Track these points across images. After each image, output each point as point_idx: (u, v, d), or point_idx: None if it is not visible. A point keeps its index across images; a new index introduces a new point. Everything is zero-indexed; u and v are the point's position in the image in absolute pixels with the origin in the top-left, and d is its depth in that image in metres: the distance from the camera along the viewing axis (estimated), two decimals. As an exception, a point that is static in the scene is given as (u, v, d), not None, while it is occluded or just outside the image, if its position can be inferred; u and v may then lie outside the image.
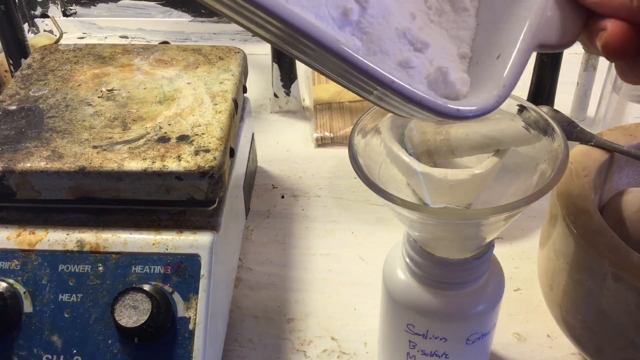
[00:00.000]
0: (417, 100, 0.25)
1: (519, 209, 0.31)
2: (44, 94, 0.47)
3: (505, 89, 0.26)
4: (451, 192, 0.43)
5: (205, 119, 0.45)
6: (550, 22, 0.28)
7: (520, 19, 0.28)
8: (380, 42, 0.26)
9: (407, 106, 0.25)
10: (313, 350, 0.46)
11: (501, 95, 0.26)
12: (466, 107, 0.26)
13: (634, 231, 0.42)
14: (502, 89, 0.26)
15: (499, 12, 0.29)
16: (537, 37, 0.27)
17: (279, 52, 0.68)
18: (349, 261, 0.53)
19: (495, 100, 0.26)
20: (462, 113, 0.26)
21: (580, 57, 0.65)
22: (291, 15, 0.22)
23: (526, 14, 0.27)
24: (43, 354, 0.39)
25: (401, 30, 0.27)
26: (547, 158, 0.34)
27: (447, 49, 0.28)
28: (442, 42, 0.28)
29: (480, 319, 0.37)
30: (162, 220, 0.42)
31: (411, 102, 0.25)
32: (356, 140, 0.34)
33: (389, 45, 0.26)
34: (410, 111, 0.27)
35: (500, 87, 0.26)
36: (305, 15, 0.24)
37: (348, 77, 0.26)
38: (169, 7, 0.89)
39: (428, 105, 0.25)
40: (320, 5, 0.25)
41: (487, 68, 0.28)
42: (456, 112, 0.25)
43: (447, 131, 0.47)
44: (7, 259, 0.40)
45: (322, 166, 0.64)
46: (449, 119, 0.26)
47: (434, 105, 0.25)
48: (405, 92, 0.25)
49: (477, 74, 0.28)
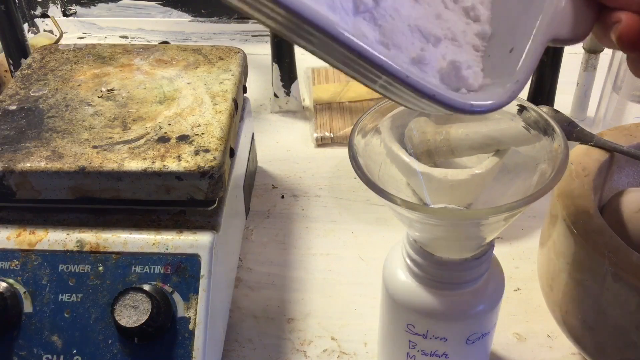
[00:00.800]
0: (431, 95, 0.25)
1: (519, 209, 0.31)
2: (44, 94, 0.47)
3: (519, 84, 0.26)
4: (451, 192, 0.43)
5: (205, 119, 0.45)
6: (563, 16, 0.28)
7: (533, 13, 0.27)
8: (393, 35, 0.26)
9: (421, 100, 0.25)
10: (313, 350, 0.46)
11: (515, 90, 0.26)
12: (479, 102, 0.26)
13: (634, 231, 0.42)
14: (515, 83, 0.26)
15: (512, 5, 0.29)
16: (550, 32, 0.27)
17: (279, 52, 0.68)
18: (349, 261, 0.53)
19: (509, 95, 0.26)
20: (475, 107, 0.25)
21: (580, 57, 0.65)
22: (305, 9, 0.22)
23: (539, 8, 0.27)
24: (43, 354, 0.39)
25: (414, 23, 0.27)
26: (547, 158, 0.34)
27: (461, 41, 0.28)
28: (456, 35, 0.28)
29: (480, 319, 0.37)
30: (162, 220, 0.42)
31: (425, 97, 0.25)
32: (356, 140, 0.34)
33: (401, 39, 0.26)
34: (422, 105, 0.26)
35: (514, 81, 0.26)
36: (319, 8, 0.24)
37: (355, 68, 0.26)
38: (169, 7, 0.89)
39: (442, 100, 0.25)
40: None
41: (500, 62, 0.27)
42: (469, 107, 0.25)
43: (447, 131, 0.47)
44: (7, 259, 0.40)
45: (322, 166, 0.64)
46: (461, 113, 0.26)
47: (448, 100, 0.25)
48: (419, 86, 0.24)
49: (489, 67, 0.28)
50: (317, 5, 0.23)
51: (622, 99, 0.60)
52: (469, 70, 0.27)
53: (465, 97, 0.26)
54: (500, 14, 0.29)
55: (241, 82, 0.51)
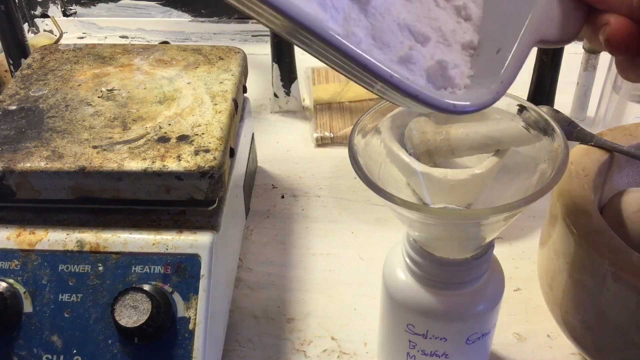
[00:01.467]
0: (414, 95, 0.25)
1: (518, 209, 0.31)
2: (44, 94, 0.47)
3: (503, 85, 0.26)
4: (451, 192, 0.43)
5: (205, 119, 0.45)
6: (551, 18, 0.28)
7: (522, 13, 0.27)
8: (382, 34, 0.26)
9: (405, 99, 0.26)
10: (313, 350, 0.46)
11: (499, 92, 0.26)
12: (462, 102, 0.26)
13: (634, 231, 0.42)
14: (499, 84, 0.26)
15: (502, 6, 0.29)
16: (537, 33, 0.27)
17: (279, 52, 0.68)
18: (349, 261, 0.53)
19: (493, 96, 0.26)
20: (458, 108, 0.26)
21: (580, 57, 0.65)
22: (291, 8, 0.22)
23: (528, 9, 0.27)
24: (43, 354, 0.39)
25: (404, 22, 0.27)
26: (547, 158, 0.34)
27: (450, 40, 0.28)
28: (445, 34, 0.28)
29: (480, 319, 0.37)
30: (162, 220, 0.42)
31: (408, 96, 0.25)
32: (356, 140, 0.34)
33: (390, 38, 0.26)
34: (409, 105, 0.27)
35: (498, 82, 0.26)
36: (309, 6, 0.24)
37: (350, 70, 0.26)
38: (169, 7, 0.89)
39: (425, 100, 0.25)
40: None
41: (486, 62, 0.28)
42: (452, 107, 0.26)
43: (447, 131, 0.47)
44: (7, 259, 0.40)
45: (322, 166, 0.64)
46: (445, 113, 0.26)
47: (431, 100, 0.25)
48: (402, 86, 0.25)
49: (477, 67, 0.28)
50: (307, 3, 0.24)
51: (622, 99, 0.60)
52: (455, 69, 0.27)
53: (449, 97, 0.26)
54: (491, 13, 0.29)
55: (241, 82, 0.51)
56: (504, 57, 0.27)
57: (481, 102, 0.26)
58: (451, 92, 0.27)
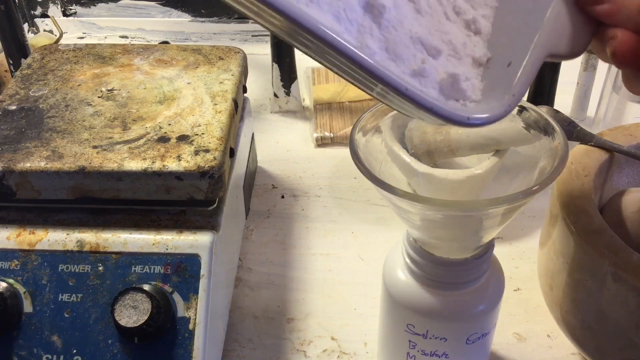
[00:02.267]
0: (429, 108, 0.26)
1: (519, 201, 0.31)
2: (44, 94, 0.47)
3: (515, 98, 0.27)
4: (452, 192, 0.43)
5: (205, 119, 0.45)
6: (561, 33, 0.28)
7: (531, 28, 0.28)
8: (395, 47, 0.26)
9: (419, 111, 0.26)
10: (313, 350, 0.46)
11: (510, 104, 0.27)
12: (475, 115, 0.26)
13: (634, 231, 0.42)
14: (511, 97, 0.27)
15: (512, 20, 0.29)
16: (547, 47, 0.28)
17: (279, 52, 0.68)
18: (349, 261, 0.53)
19: (505, 108, 0.27)
20: (472, 121, 0.26)
21: (581, 57, 0.65)
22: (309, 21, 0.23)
23: (537, 24, 0.28)
24: (43, 354, 0.39)
25: (416, 35, 0.27)
26: (547, 156, 0.34)
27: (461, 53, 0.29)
28: (456, 47, 0.29)
29: (480, 319, 0.37)
30: (162, 220, 0.42)
31: (423, 109, 0.26)
32: (357, 137, 0.34)
33: (403, 51, 0.27)
34: (420, 116, 0.27)
35: (510, 95, 0.27)
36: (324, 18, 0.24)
37: (355, 76, 0.26)
38: (169, 7, 0.89)
39: (440, 113, 0.26)
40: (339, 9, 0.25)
41: (497, 75, 0.28)
42: (466, 119, 0.26)
43: (447, 132, 0.47)
44: (7, 259, 0.40)
45: (322, 166, 0.64)
46: (459, 126, 0.27)
47: (445, 112, 0.26)
48: (418, 99, 0.25)
49: (488, 80, 0.28)
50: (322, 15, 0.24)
51: (622, 99, 0.60)
52: (467, 82, 0.28)
53: (463, 110, 0.27)
54: (500, 27, 0.30)
55: (241, 82, 0.51)
56: (515, 71, 0.27)
57: (494, 115, 0.27)
58: (463, 105, 0.27)
